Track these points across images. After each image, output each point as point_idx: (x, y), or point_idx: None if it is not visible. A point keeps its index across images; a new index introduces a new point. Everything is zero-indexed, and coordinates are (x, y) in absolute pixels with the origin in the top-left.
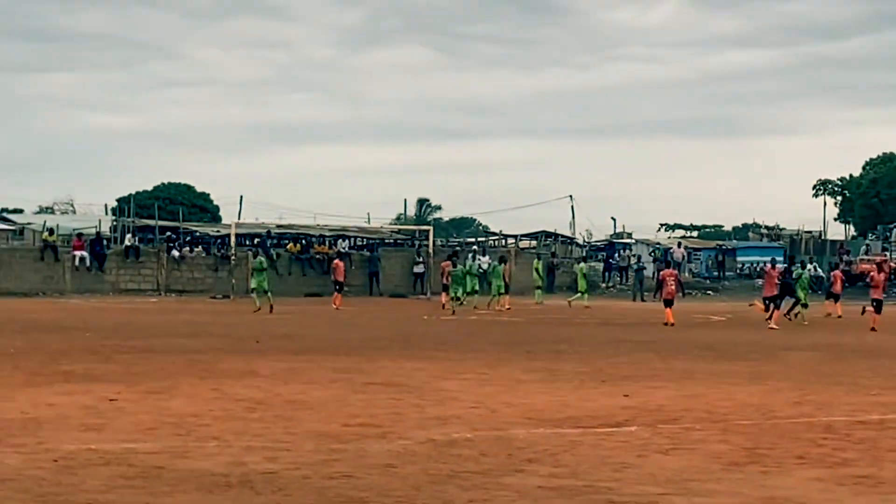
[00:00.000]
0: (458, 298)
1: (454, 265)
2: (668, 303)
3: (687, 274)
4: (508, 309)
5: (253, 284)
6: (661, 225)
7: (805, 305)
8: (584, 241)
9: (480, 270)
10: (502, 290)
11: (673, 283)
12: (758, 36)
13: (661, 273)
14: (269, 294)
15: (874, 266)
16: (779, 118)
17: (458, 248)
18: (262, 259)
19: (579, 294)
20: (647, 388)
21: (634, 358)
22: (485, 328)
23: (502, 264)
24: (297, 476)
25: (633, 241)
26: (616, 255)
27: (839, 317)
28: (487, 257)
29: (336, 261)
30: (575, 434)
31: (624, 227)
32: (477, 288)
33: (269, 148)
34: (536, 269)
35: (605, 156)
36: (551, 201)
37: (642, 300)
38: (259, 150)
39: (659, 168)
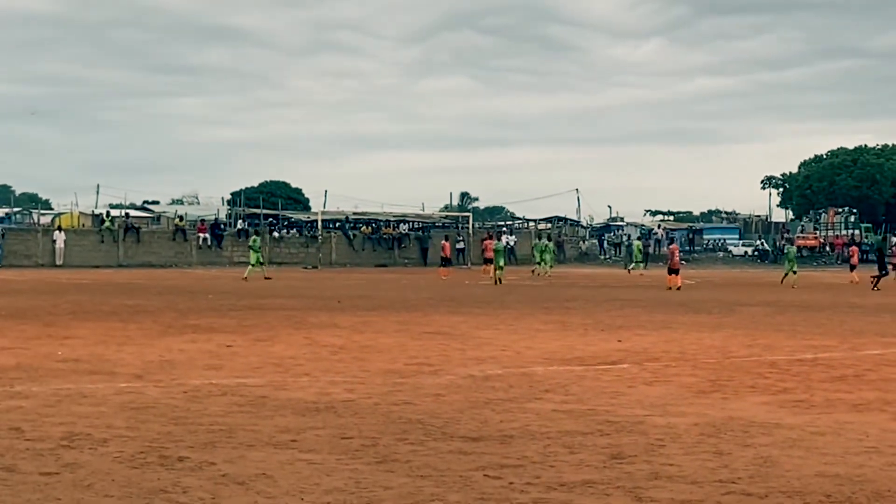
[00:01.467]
0: (502, 268)
1: (491, 237)
2: (674, 271)
3: (664, 249)
4: (549, 276)
5: (252, 260)
6: (647, 211)
7: (794, 272)
8: (588, 223)
9: (508, 246)
10: (550, 263)
11: (675, 255)
12: (722, 66)
13: (670, 247)
14: (263, 266)
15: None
16: (737, 129)
17: (495, 230)
18: (257, 238)
19: (635, 264)
20: (636, 335)
21: (626, 312)
22: (512, 291)
23: (550, 241)
24: (369, 403)
25: (625, 223)
26: (613, 234)
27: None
28: (514, 236)
29: (443, 241)
30: (580, 370)
31: (618, 212)
32: (502, 263)
33: (348, 154)
34: (544, 247)
35: (604, 159)
36: (562, 193)
37: (630, 270)
38: (341, 155)
39: (646, 168)
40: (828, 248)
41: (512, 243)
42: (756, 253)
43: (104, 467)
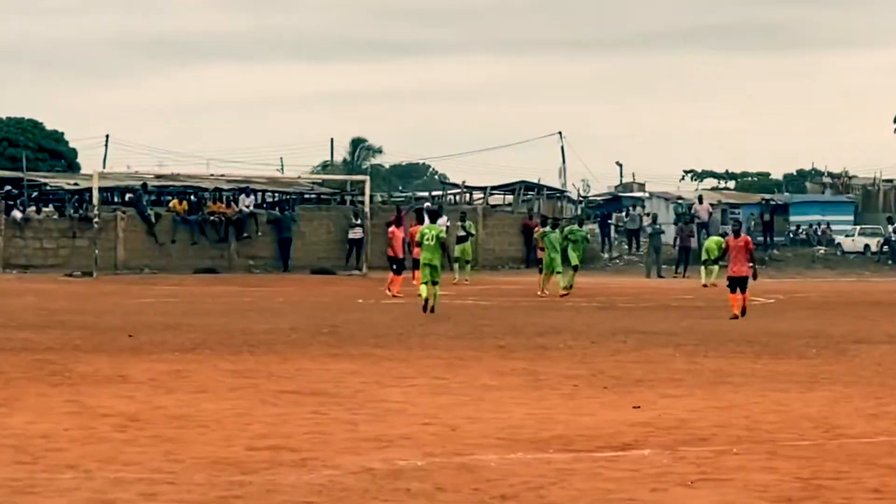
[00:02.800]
0: (465, 266)
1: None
2: (737, 284)
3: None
4: (564, 294)
5: None
6: (686, 173)
7: None
8: (580, 195)
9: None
10: (558, 268)
11: (743, 255)
12: None
13: (726, 241)
14: None
15: None
16: (845, 24)
17: (436, 204)
18: None
19: (706, 271)
20: (665, 396)
21: (647, 355)
22: (442, 315)
23: (556, 231)
24: None
25: (647, 194)
26: (625, 213)
27: None
28: (445, 218)
29: (392, 229)
30: (565, 460)
31: (634, 175)
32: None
33: (144, 69)
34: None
35: (604, 78)
36: (533, 141)
37: (659, 276)
38: (132, 72)
39: (679, 94)
40: None
41: (444, 229)
42: (885, 249)
43: None
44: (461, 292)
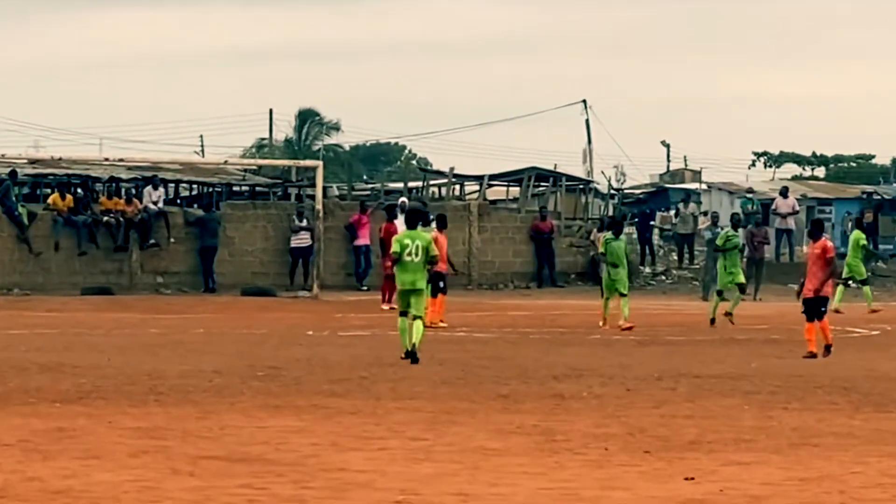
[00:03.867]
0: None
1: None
2: (813, 308)
3: (805, 247)
4: (628, 328)
5: None
6: (758, 156)
7: None
8: (612, 187)
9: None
10: (623, 289)
11: (821, 267)
12: None
13: (809, 249)
14: None
15: None
16: None
17: (417, 206)
18: None
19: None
20: (730, 463)
21: (704, 407)
22: (422, 352)
23: (620, 237)
24: None
25: (704, 185)
26: (674, 212)
27: None
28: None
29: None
30: None
31: (686, 160)
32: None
33: (10, 16)
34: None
35: (645, 28)
36: (547, 114)
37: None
38: None
39: (748, 49)
40: None
41: (429, 237)
42: None
43: None
44: (450, 322)
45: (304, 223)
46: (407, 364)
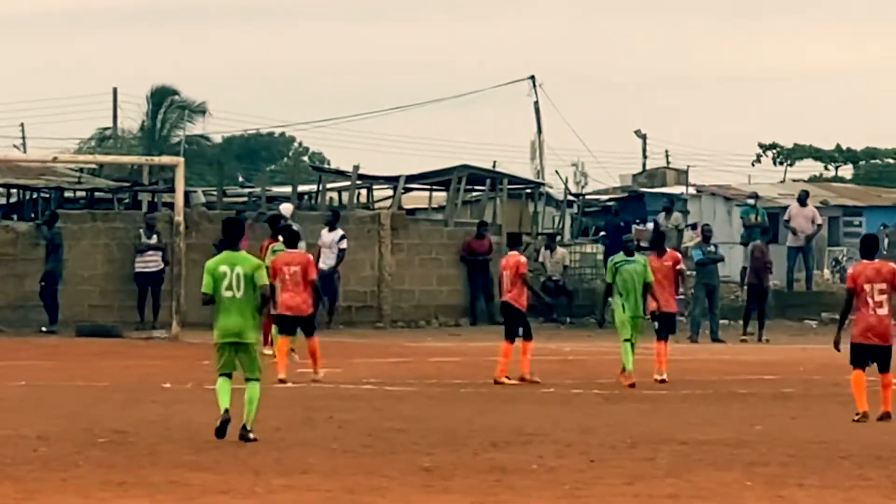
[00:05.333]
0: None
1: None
2: (861, 356)
3: (826, 270)
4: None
5: None
6: (763, 149)
7: None
8: (571, 192)
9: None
10: (626, 333)
11: (886, 295)
12: None
13: (851, 271)
14: None
15: None
16: None
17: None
18: None
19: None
20: None
21: (693, 483)
22: (316, 414)
23: (634, 259)
24: None
25: (692, 189)
26: (653, 225)
27: None
28: (340, 233)
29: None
30: None
31: (667, 155)
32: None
33: None
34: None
35: None
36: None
37: (715, 338)
38: None
39: (749, 8)
40: None
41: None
42: None
43: None
44: (353, 371)
45: (154, 240)
46: (297, 429)
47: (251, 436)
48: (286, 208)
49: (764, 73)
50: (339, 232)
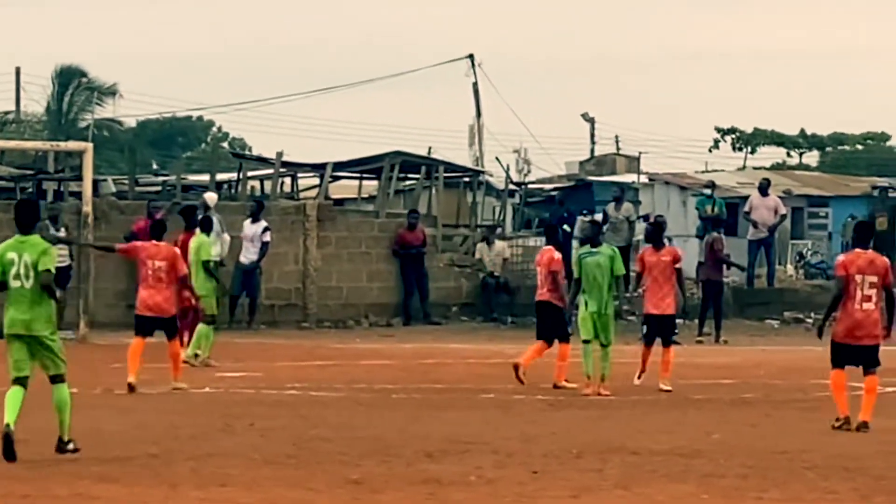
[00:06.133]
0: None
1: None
2: (844, 356)
3: (789, 266)
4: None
5: None
6: (721, 134)
7: None
8: (513, 181)
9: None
10: (588, 333)
11: (876, 289)
12: None
13: (843, 259)
14: None
15: None
16: None
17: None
18: None
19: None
20: None
21: (644, 497)
22: (235, 421)
23: (599, 251)
24: None
25: (644, 178)
26: (602, 217)
27: None
28: (263, 225)
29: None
30: None
31: (618, 140)
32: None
33: None
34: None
35: None
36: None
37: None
38: None
39: None
40: None
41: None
42: None
43: None
44: (276, 375)
45: (63, 233)
46: (215, 438)
47: (70, 447)
48: (210, 198)
49: (723, 52)
50: (263, 224)
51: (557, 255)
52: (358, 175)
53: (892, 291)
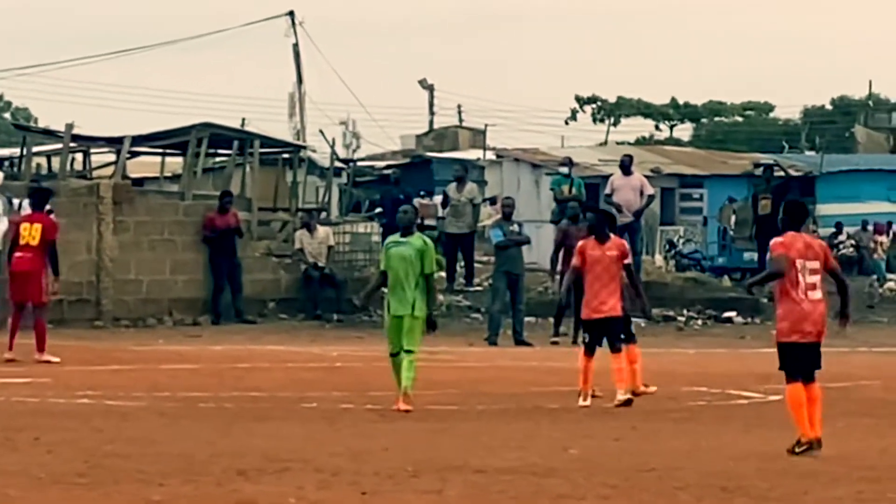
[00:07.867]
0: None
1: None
2: (798, 361)
3: (658, 256)
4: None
5: None
6: (580, 103)
7: None
8: (340, 158)
9: None
10: (409, 341)
11: (818, 276)
12: None
13: (782, 240)
14: None
15: None
16: None
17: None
18: None
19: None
20: None
21: None
22: (22, 428)
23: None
24: None
25: (490, 154)
26: (441, 198)
27: None
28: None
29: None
30: None
31: (460, 111)
32: None
33: None
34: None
35: None
36: (227, 34)
37: (520, 340)
38: None
39: None
40: None
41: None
42: None
43: None
44: (65, 381)
45: None
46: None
47: None
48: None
49: (583, 9)
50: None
51: (586, 243)
52: (160, 151)
53: (839, 275)
